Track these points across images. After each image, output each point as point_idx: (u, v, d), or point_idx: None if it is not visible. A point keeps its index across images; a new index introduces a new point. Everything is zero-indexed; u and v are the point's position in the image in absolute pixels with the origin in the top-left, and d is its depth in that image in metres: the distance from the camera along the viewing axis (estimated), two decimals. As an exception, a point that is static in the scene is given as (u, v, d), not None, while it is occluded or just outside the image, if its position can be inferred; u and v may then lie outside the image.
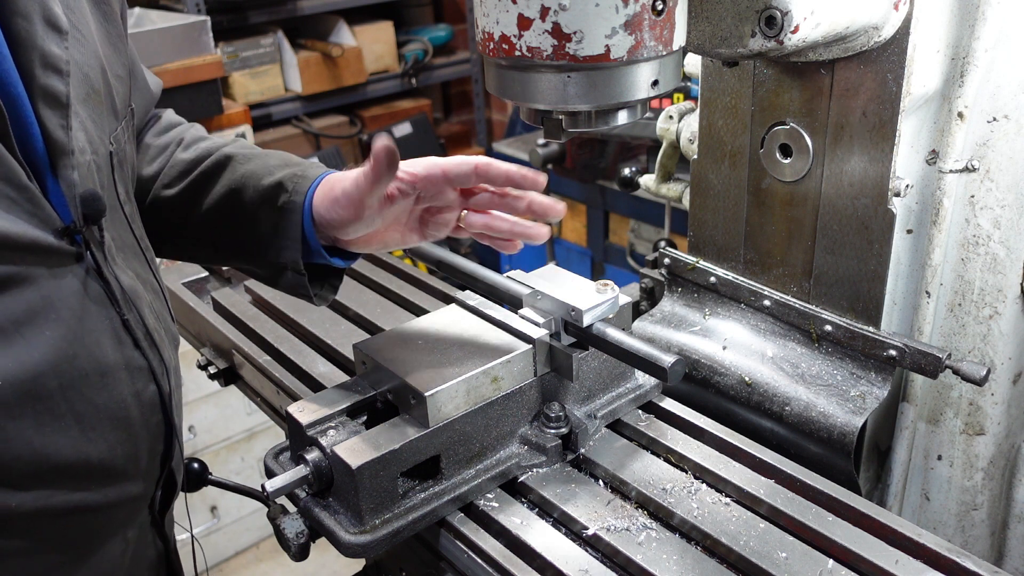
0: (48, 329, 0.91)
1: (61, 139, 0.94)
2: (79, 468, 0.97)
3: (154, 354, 1.07)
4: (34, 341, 0.90)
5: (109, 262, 1.01)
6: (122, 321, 1.01)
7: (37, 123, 0.93)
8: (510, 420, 1.20)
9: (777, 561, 1.03)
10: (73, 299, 0.95)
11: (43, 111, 0.93)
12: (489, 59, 1.00)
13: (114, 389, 1.00)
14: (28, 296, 0.90)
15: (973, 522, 1.41)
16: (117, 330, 1.01)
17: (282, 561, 3.46)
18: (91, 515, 1.01)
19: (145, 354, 1.05)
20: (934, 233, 1.27)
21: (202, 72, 3.55)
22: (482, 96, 5.24)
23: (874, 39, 1.13)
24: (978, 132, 1.22)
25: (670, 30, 0.95)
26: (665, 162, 1.66)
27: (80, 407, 0.95)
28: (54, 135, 0.93)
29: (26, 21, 0.92)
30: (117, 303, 1.01)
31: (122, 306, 1.01)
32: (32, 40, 0.92)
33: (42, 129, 0.93)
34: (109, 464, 1.00)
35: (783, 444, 1.33)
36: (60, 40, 0.95)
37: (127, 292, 1.03)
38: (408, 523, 1.09)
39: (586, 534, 1.10)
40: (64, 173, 0.94)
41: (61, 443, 0.94)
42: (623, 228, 3.43)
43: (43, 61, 0.93)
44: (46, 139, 0.93)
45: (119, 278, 1.02)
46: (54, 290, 0.92)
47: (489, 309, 1.28)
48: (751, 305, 1.41)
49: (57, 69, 0.94)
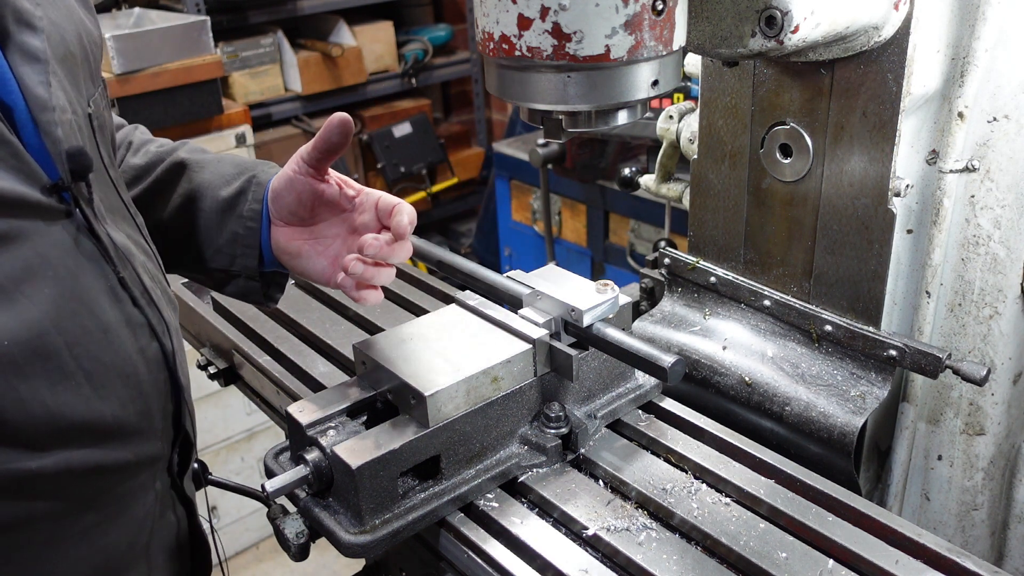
0: (47, 286, 0.91)
1: (42, 95, 0.92)
2: (95, 427, 0.98)
3: (153, 311, 1.06)
4: (35, 298, 0.90)
5: (100, 220, 1.00)
6: (118, 279, 1.01)
7: (15, 79, 0.91)
8: (510, 420, 1.20)
9: (777, 561, 1.03)
10: (67, 256, 0.94)
11: (21, 67, 0.92)
12: (489, 59, 1.00)
13: (119, 346, 1.00)
14: (23, 254, 0.89)
15: (973, 522, 1.41)
16: (114, 287, 1.01)
17: (282, 561, 3.46)
18: (112, 475, 1.03)
19: (144, 311, 1.05)
20: (934, 233, 1.27)
21: (202, 72, 3.55)
22: (482, 96, 5.23)
23: (874, 39, 1.13)
24: (978, 132, 1.22)
25: (670, 30, 0.95)
26: (665, 162, 1.66)
27: (88, 365, 0.96)
28: (34, 91, 0.92)
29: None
30: (111, 260, 1.00)
31: (116, 264, 1.01)
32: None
33: (20, 85, 0.91)
34: (123, 422, 1.02)
35: (783, 444, 1.33)
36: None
37: (120, 250, 1.03)
38: (408, 523, 1.09)
39: (586, 534, 1.10)
40: (48, 129, 0.93)
41: (74, 402, 0.95)
42: (623, 228, 3.42)
43: (16, 16, 0.92)
44: (26, 95, 0.92)
45: (111, 236, 1.02)
46: (48, 248, 0.92)
47: (489, 309, 1.28)
48: (751, 305, 1.41)
49: (31, 25, 0.93)
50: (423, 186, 4.89)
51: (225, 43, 4.10)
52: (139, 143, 1.38)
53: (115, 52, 3.32)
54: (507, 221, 3.98)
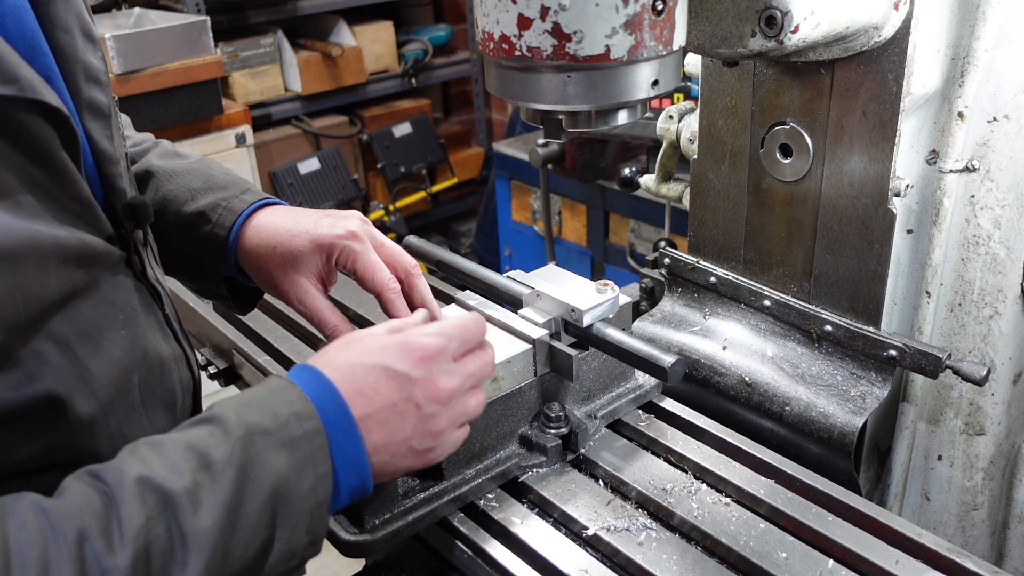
0: (122, 329, 0.95)
1: (107, 149, 0.96)
2: None
3: (186, 344, 1.12)
4: (116, 342, 0.94)
5: (149, 265, 1.05)
6: (164, 316, 1.06)
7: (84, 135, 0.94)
8: (510, 420, 1.20)
9: (777, 561, 1.03)
10: (132, 300, 0.98)
11: (89, 123, 0.94)
12: (489, 59, 1.00)
13: (167, 379, 1.04)
14: (99, 301, 0.93)
15: (973, 522, 1.41)
16: (162, 325, 1.05)
17: (282, 561, 3.45)
18: None
19: (182, 344, 1.10)
20: (934, 233, 1.27)
21: (202, 72, 3.55)
22: (482, 96, 5.24)
23: (874, 39, 1.13)
24: (978, 132, 1.22)
25: (670, 30, 0.95)
26: (665, 162, 1.66)
27: (148, 398, 1.00)
28: (101, 146, 0.95)
29: (68, 35, 0.92)
30: (160, 300, 1.06)
31: (164, 303, 1.07)
32: (75, 54, 0.93)
33: (88, 140, 0.94)
34: None
35: (783, 444, 1.33)
36: (95, 51, 0.96)
37: (163, 289, 1.09)
38: (408, 523, 1.09)
39: (586, 534, 1.10)
40: (114, 183, 0.97)
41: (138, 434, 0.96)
42: (623, 228, 3.42)
43: (86, 74, 0.94)
44: (93, 149, 0.95)
45: (157, 277, 1.07)
46: (115, 294, 0.96)
47: (489, 309, 1.28)
48: (751, 305, 1.41)
49: (98, 81, 0.96)
50: (423, 186, 4.90)
51: (225, 43, 4.11)
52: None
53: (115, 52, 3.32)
54: (507, 221, 3.98)
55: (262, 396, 0.90)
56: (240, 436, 0.85)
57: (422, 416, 0.95)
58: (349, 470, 0.91)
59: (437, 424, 0.96)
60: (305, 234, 1.15)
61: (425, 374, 0.95)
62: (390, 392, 0.93)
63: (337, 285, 1.24)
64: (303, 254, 1.15)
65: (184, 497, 0.79)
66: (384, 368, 0.94)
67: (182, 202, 1.22)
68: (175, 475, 0.80)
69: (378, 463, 0.93)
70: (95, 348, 0.91)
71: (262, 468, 0.84)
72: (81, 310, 0.89)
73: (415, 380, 0.94)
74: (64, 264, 0.86)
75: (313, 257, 1.15)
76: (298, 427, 0.87)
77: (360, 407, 0.91)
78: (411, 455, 0.96)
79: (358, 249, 1.15)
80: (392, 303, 1.15)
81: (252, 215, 1.20)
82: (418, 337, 0.97)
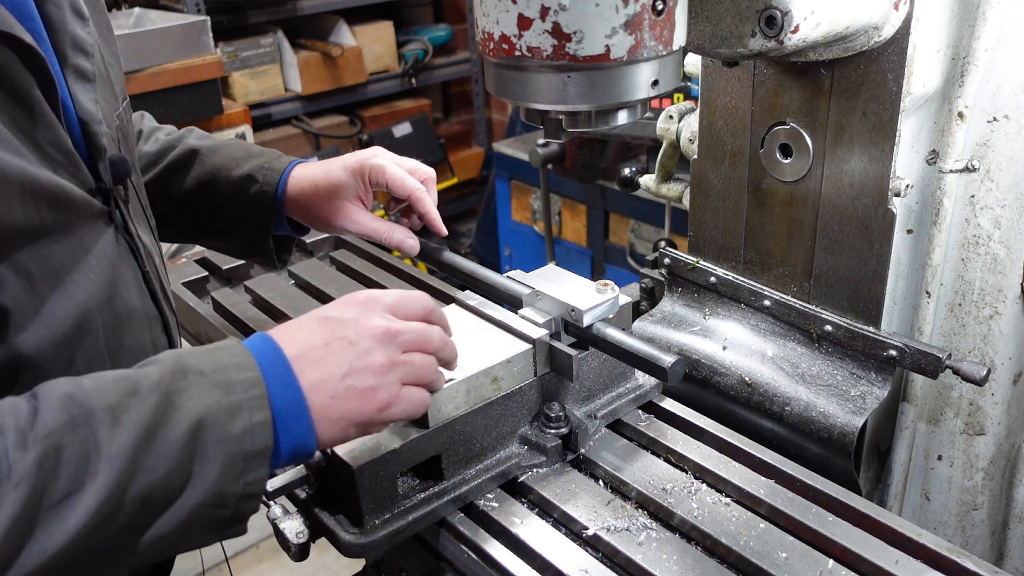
0: (91, 273, 1.02)
1: (92, 110, 1.06)
2: None
3: (166, 307, 1.19)
4: (81, 283, 1.01)
5: (132, 221, 1.13)
6: (143, 273, 1.14)
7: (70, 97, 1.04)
8: (510, 420, 1.20)
9: (777, 561, 1.03)
10: (108, 250, 1.06)
11: (74, 86, 1.05)
12: (489, 59, 1.00)
13: (138, 334, 1.11)
14: (73, 245, 1.00)
15: (973, 522, 1.41)
16: (139, 281, 1.13)
17: (282, 561, 3.46)
18: None
19: (159, 306, 1.17)
20: (934, 233, 1.27)
21: (202, 72, 3.55)
22: (482, 96, 5.24)
23: (874, 39, 1.13)
24: (978, 132, 1.22)
25: (670, 30, 0.95)
26: (665, 162, 1.66)
27: (114, 347, 1.06)
28: (86, 107, 1.05)
29: (58, 9, 1.04)
30: (140, 257, 1.13)
31: (144, 261, 1.14)
32: (64, 26, 1.04)
33: (74, 102, 1.05)
34: None
35: (783, 444, 1.33)
36: (84, 25, 1.08)
37: (147, 248, 1.16)
38: (408, 523, 1.09)
39: (586, 534, 1.10)
40: (96, 140, 1.06)
41: None
42: (623, 228, 3.42)
43: (73, 43, 1.05)
44: (78, 110, 1.05)
45: (140, 236, 1.15)
46: (92, 241, 1.04)
47: (489, 309, 1.28)
48: (751, 305, 1.41)
49: (85, 51, 1.07)
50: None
51: (225, 43, 4.11)
52: (148, 131, 1.52)
53: (115, 52, 3.32)
54: (507, 221, 3.98)
55: (208, 348, 0.94)
56: (173, 370, 0.88)
57: (358, 352, 0.96)
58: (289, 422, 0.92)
59: (373, 359, 0.97)
60: (338, 166, 1.38)
61: (356, 315, 1.00)
62: (323, 334, 0.97)
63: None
64: (341, 180, 1.37)
65: (104, 412, 0.82)
66: (318, 317, 1.01)
67: (229, 169, 1.43)
68: (101, 394, 0.83)
69: (318, 404, 0.94)
70: (56, 284, 0.97)
71: (189, 399, 0.86)
72: (52, 248, 0.97)
73: (346, 320, 0.99)
74: (33, 200, 0.92)
75: (350, 181, 1.37)
76: (237, 374, 0.90)
77: (293, 349, 0.95)
78: (355, 396, 0.96)
79: (384, 163, 1.36)
80: (422, 200, 1.37)
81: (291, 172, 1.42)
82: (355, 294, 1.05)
